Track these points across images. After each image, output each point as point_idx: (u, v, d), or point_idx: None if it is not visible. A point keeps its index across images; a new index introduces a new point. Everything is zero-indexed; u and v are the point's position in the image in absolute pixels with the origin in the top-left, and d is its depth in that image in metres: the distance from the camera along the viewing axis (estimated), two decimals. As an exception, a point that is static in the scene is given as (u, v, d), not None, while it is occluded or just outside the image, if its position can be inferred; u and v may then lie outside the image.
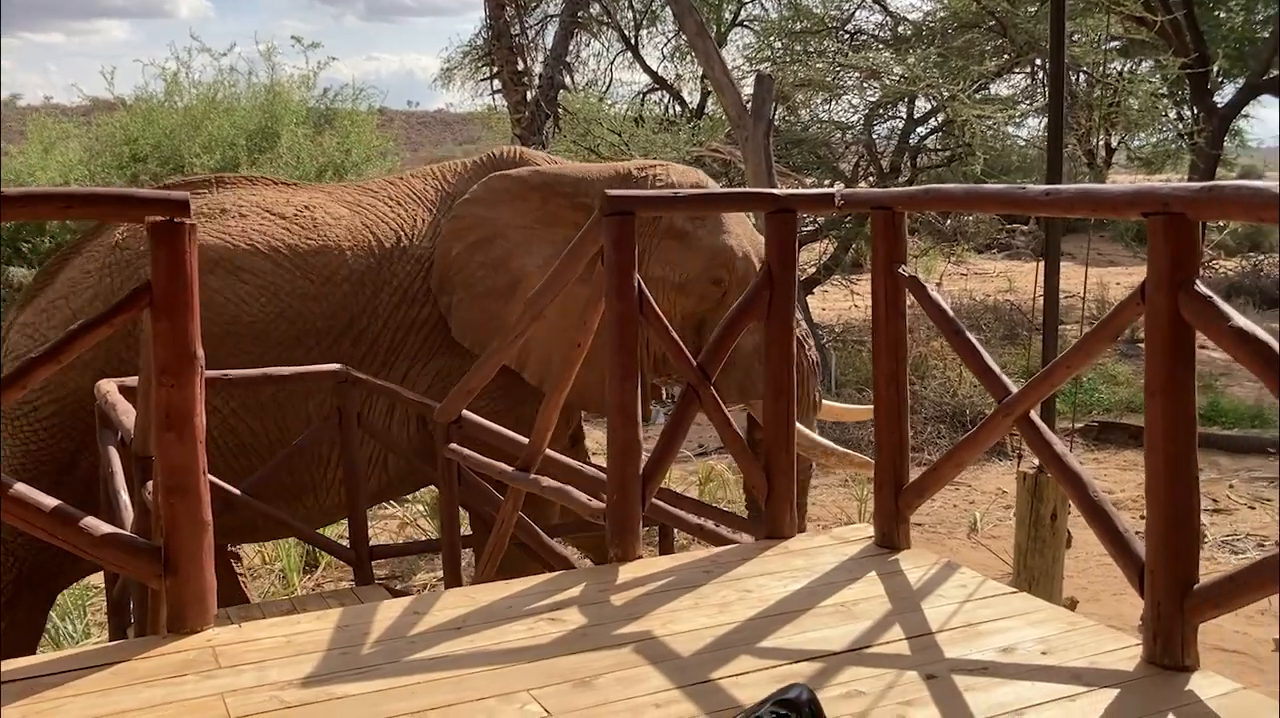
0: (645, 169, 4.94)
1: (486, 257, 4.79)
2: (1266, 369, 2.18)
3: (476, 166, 5.15)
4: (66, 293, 4.69)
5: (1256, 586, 2.30)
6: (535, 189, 4.86)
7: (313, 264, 4.74)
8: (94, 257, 4.75)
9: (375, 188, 5.14)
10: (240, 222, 4.79)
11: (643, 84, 18.71)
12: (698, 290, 4.85)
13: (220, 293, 4.62)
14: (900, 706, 2.28)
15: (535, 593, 2.92)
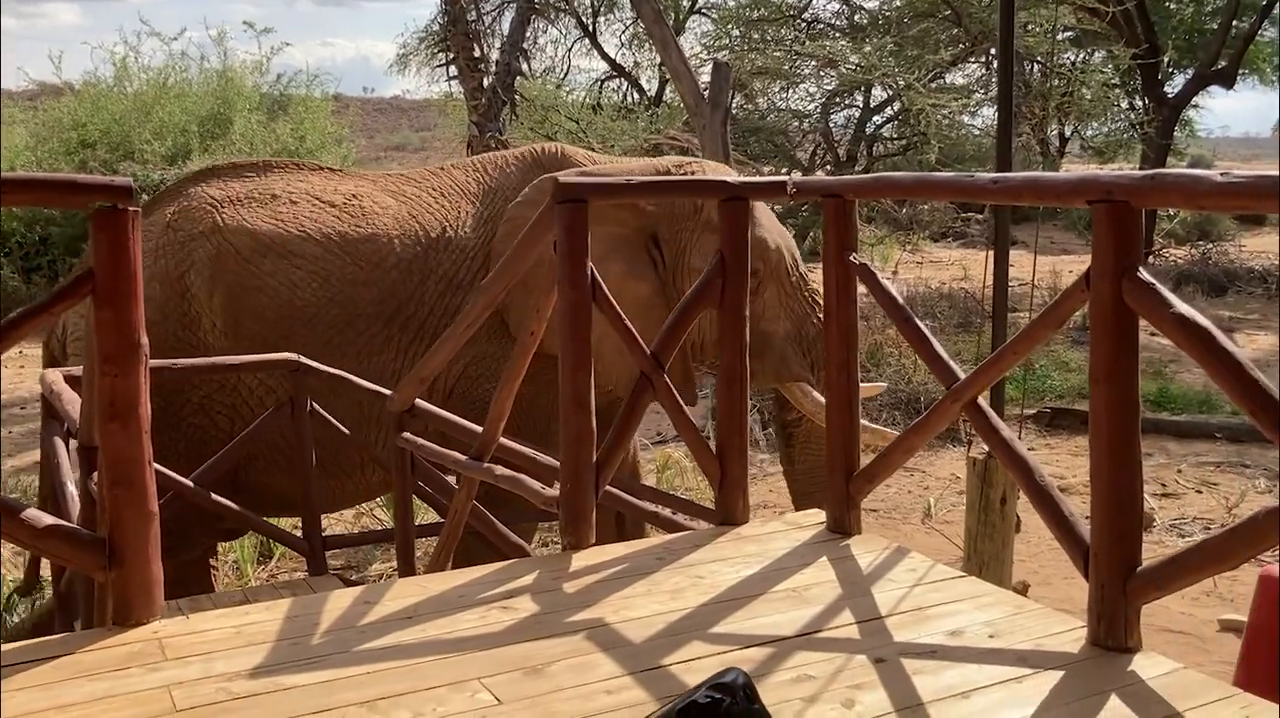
0: (682, 166, 5.07)
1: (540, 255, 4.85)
2: (1206, 354, 2.22)
3: (518, 161, 5.24)
4: None
5: (1196, 567, 2.35)
6: None
7: (362, 251, 4.82)
8: (146, 237, 4.75)
9: (418, 178, 5.24)
10: (292, 208, 4.88)
11: (600, 71, 18.69)
12: None
13: (274, 277, 4.71)
14: (849, 689, 2.30)
15: (487, 582, 2.91)
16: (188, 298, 4.66)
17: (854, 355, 3.27)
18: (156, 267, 4.69)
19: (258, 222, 4.74)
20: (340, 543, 4.88)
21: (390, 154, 31.12)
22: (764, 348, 4.82)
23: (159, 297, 4.65)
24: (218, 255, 4.71)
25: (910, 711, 2.22)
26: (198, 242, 4.72)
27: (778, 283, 4.98)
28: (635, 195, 4.06)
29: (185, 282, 4.69)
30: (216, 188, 4.93)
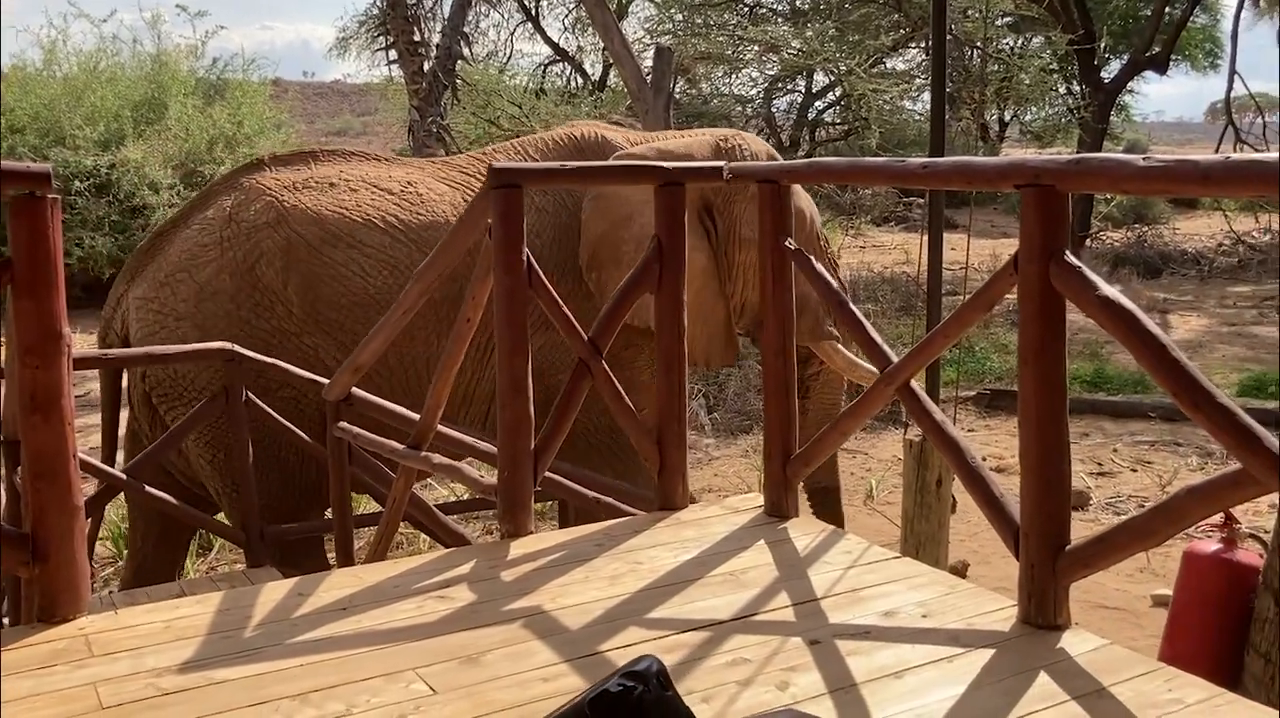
0: (731, 139, 5.23)
1: (629, 232, 4.96)
2: (1130, 336, 2.25)
3: (558, 145, 5.27)
4: (187, 266, 4.76)
5: (1122, 545, 2.39)
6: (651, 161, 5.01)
7: (425, 238, 4.88)
8: (208, 229, 4.82)
9: (464, 164, 5.32)
10: (353, 196, 4.93)
11: (544, 56, 18.58)
12: None
13: (345, 265, 4.79)
14: (784, 672, 2.32)
15: (424, 571, 2.89)
16: (260, 288, 4.70)
17: (790, 340, 3.29)
18: (224, 258, 4.74)
19: (322, 210, 4.81)
20: (278, 534, 4.81)
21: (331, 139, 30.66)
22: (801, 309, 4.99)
23: (230, 288, 4.72)
24: (288, 246, 4.76)
25: (843, 692, 2.24)
26: (264, 232, 4.76)
27: (811, 247, 5.06)
28: (570, 181, 4.04)
29: (256, 272, 4.72)
30: (271, 179, 4.97)
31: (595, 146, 5.21)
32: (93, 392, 10.58)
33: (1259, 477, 2.04)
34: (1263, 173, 1.99)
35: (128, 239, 14.22)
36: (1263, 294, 16.04)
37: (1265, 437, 2.04)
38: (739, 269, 5.16)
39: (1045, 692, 2.22)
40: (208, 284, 4.70)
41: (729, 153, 5.12)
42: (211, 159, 15.40)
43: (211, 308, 4.66)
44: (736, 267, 5.17)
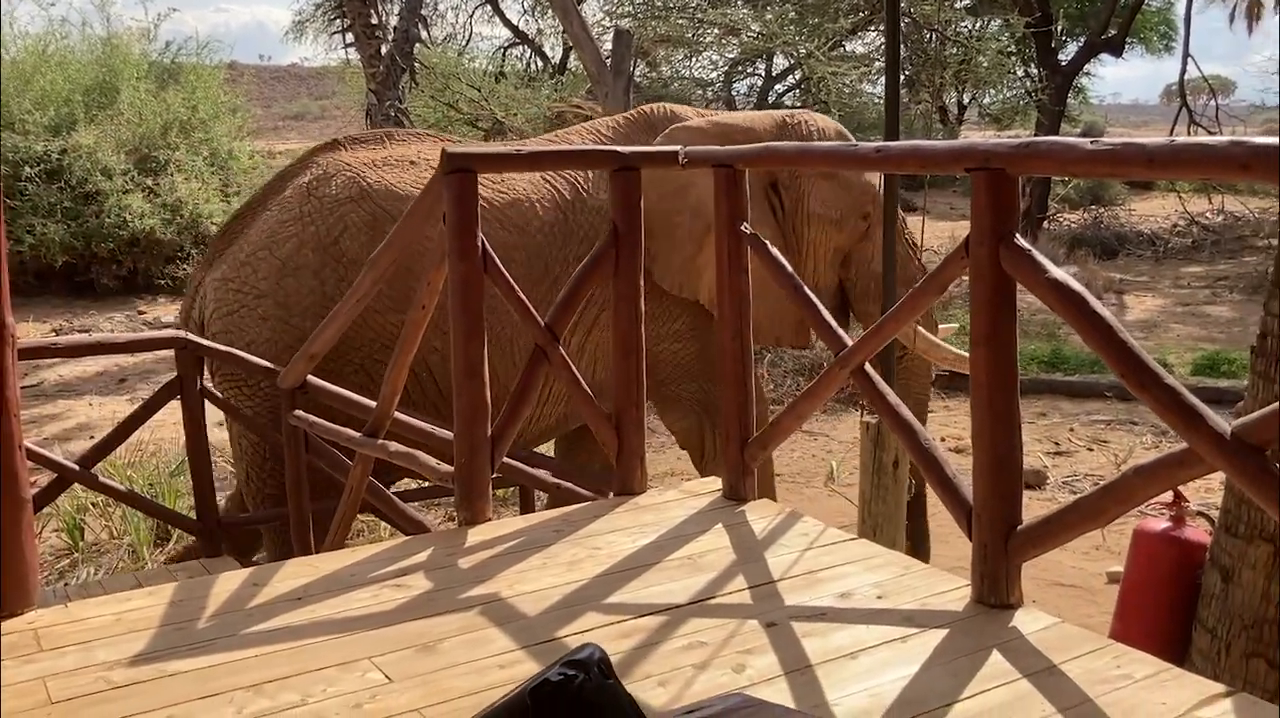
0: (795, 117, 5.20)
1: (682, 204, 4.97)
2: (1079, 318, 2.28)
3: (630, 122, 5.28)
4: (267, 244, 4.74)
5: (1072, 525, 2.42)
6: (713, 138, 5.01)
7: (508, 216, 4.87)
8: (287, 207, 4.80)
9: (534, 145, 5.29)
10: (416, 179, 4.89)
11: (503, 39, 18.44)
12: (849, 226, 5.16)
13: (431, 241, 4.82)
14: (740, 654, 2.33)
15: (380, 560, 2.87)
16: (344, 261, 4.64)
17: (747, 323, 3.29)
18: (306, 233, 4.72)
19: (406, 187, 4.77)
20: (236, 525, 4.77)
21: (289, 123, 30.32)
22: (876, 291, 5.03)
23: (313, 262, 4.68)
24: (374, 220, 4.70)
25: (799, 673, 2.26)
26: (348, 207, 4.72)
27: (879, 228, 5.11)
28: (525, 166, 4.02)
29: (340, 246, 4.68)
30: (349, 156, 4.96)
31: (665, 122, 5.22)
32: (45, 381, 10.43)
33: (1204, 455, 2.07)
34: (1205, 156, 2.01)
35: (80, 226, 14.00)
36: (1215, 274, 16.29)
37: (1209, 416, 2.07)
38: (809, 246, 5.13)
39: (997, 670, 2.24)
40: (289, 259, 4.65)
41: (794, 129, 5.12)
42: (166, 144, 15.17)
43: (293, 283, 4.62)
44: (806, 244, 5.14)
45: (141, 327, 13.17)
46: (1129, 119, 46.87)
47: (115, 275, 14.58)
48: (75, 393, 10.32)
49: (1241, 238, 18.70)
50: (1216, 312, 13.87)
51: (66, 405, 9.83)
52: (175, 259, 15.04)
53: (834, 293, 5.26)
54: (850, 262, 5.23)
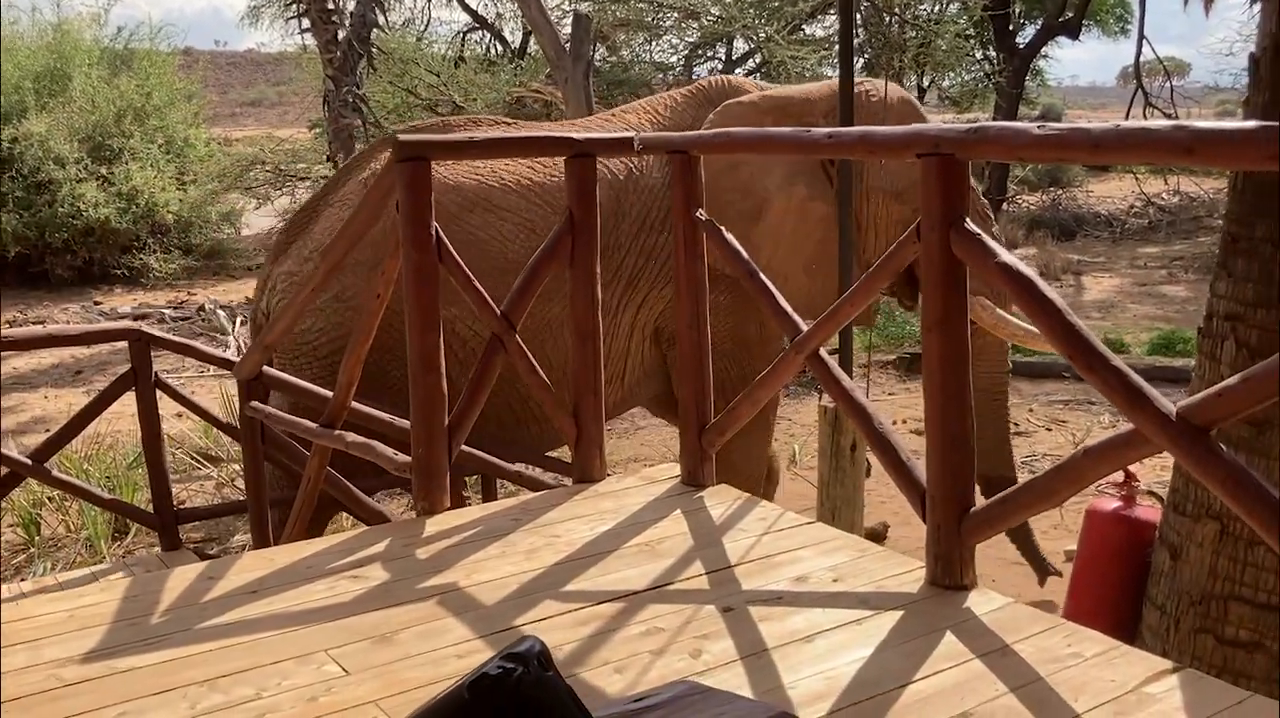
0: (859, 86, 5.05)
1: (734, 181, 4.90)
2: (1028, 300, 2.30)
3: (688, 98, 5.24)
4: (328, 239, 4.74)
5: (1025, 506, 2.45)
6: (768, 113, 4.96)
7: (560, 200, 4.75)
8: (346, 203, 4.84)
9: (595, 125, 5.26)
10: (487, 162, 4.89)
11: (462, 23, 18.28)
12: (912, 198, 5.04)
13: (483, 230, 4.76)
14: (697, 639, 2.34)
15: (337, 551, 2.86)
16: None
17: (704, 309, 3.30)
18: None
19: (460, 178, 4.80)
20: (194, 516, 4.74)
21: (246, 110, 29.94)
22: None
23: (370, 258, 4.60)
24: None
25: (755, 657, 2.27)
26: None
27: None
28: (481, 154, 4.00)
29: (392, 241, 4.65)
30: None
31: (722, 96, 5.17)
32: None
33: (1150, 436, 2.10)
34: (1148, 141, 2.04)
35: (33, 216, 13.77)
36: (1171, 255, 16.50)
37: (1155, 397, 2.10)
38: (869, 220, 5.06)
39: (951, 651, 2.27)
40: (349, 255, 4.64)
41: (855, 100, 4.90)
42: (120, 132, 14.95)
43: (352, 278, 4.61)
44: (867, 218, 5.05)
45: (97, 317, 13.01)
46: (1086, 101, 47.30)
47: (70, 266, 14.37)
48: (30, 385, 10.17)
49: (1196, 218, 18.96)
50: (1172, 291, 14.05)
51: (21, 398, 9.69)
52: (131, 249, 14.85)
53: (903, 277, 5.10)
54: None
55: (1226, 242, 2.64)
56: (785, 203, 4.59)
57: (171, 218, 15.42)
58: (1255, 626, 2.56)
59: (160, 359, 9.51)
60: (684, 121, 5.12)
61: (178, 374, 9.98)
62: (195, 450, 7.75)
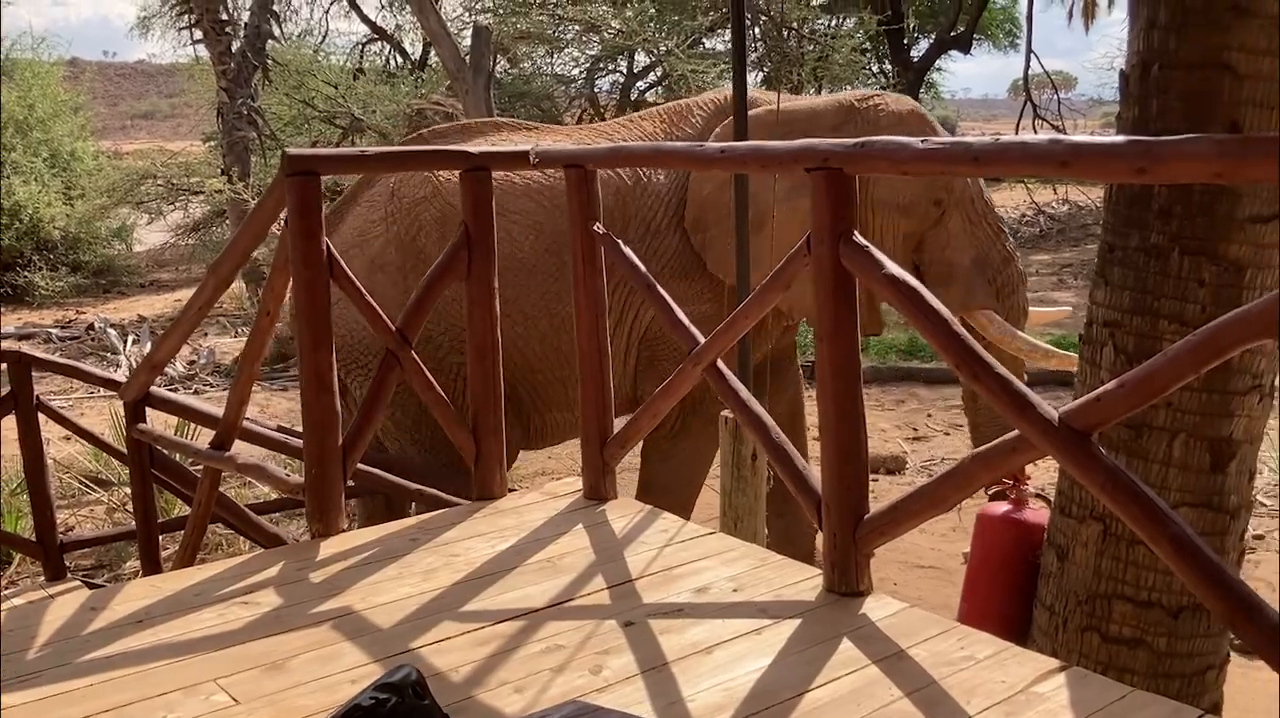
0: (865, 100, 5.09)
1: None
2: (915, 311, 2.35)
3: (702, 108, 5.27)
4: (358, 242, 4.97)
5: (917, 512, 2.49)
6: (773, 127, 4.91)
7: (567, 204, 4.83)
8: (374, 206, 5.01)
9: (609, 131, 5.36)
10: None
11: (361, 34, 18.05)
12: (919, 212, 5.06)
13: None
14: (597, 655, 2.33)
15: (227, 577, 2.78)
16: (423, 258, 4.75)
17: (603, 322, 3.30)
18: (390, 233, 4.94)
19: None
20: (79, 545, 4.57)
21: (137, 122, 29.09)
22: (949, 277, 4.98)
23: (396, 260, 4.90)
24: (443, 217, 4.83)
25: (655, 671, 2.27)
26: (422, 205, 4.90)
27: (962, 211, 5.02)
28: (370, 168, 3.94)
29: (418, 243, 4.86)
30: None
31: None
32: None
33: (1034, 441, 2.16)
34: (1026, 154, 2.10)
35: (-94, 233, 13.18)
36: (1061, 262, 17.05)
37: (1038, 403, 2.16)
38: (875, 233, 5.03)
39: (847, 658, 2.30)
40: (377, 258, 4.87)
41: (863, 114, 5.04)
42: (1, 145, 14.41)
43: (381, 279, 4.79)
44: (873, 230, 5.03)
45: (-21, 339, 12.48)
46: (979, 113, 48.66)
47: (-50, 284, 13.79)
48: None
49: (1084, 226, 19.59)
50: (1063, 297, 14.49)
51: (-105, 424, 9.24)
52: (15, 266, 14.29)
53: None
54: (924, 247, 5.13)
55: (1104, 251, 2.73)
56: (788, 215, 4.66)
57: (58, 234, 14.90)
58: (1138, 623, 2.64)
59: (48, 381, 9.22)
60: (696, 131, 5.15)
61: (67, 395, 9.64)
62: (85, 474, 7.48)
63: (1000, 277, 5.10)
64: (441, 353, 4.84)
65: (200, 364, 11.05)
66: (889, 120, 4.98)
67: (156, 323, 12.61)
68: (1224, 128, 2.48)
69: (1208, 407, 2.59)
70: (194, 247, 16.12)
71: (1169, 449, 2.60)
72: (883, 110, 5.08)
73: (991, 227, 5.19)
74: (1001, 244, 5.18)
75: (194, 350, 11.46)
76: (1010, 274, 5.13)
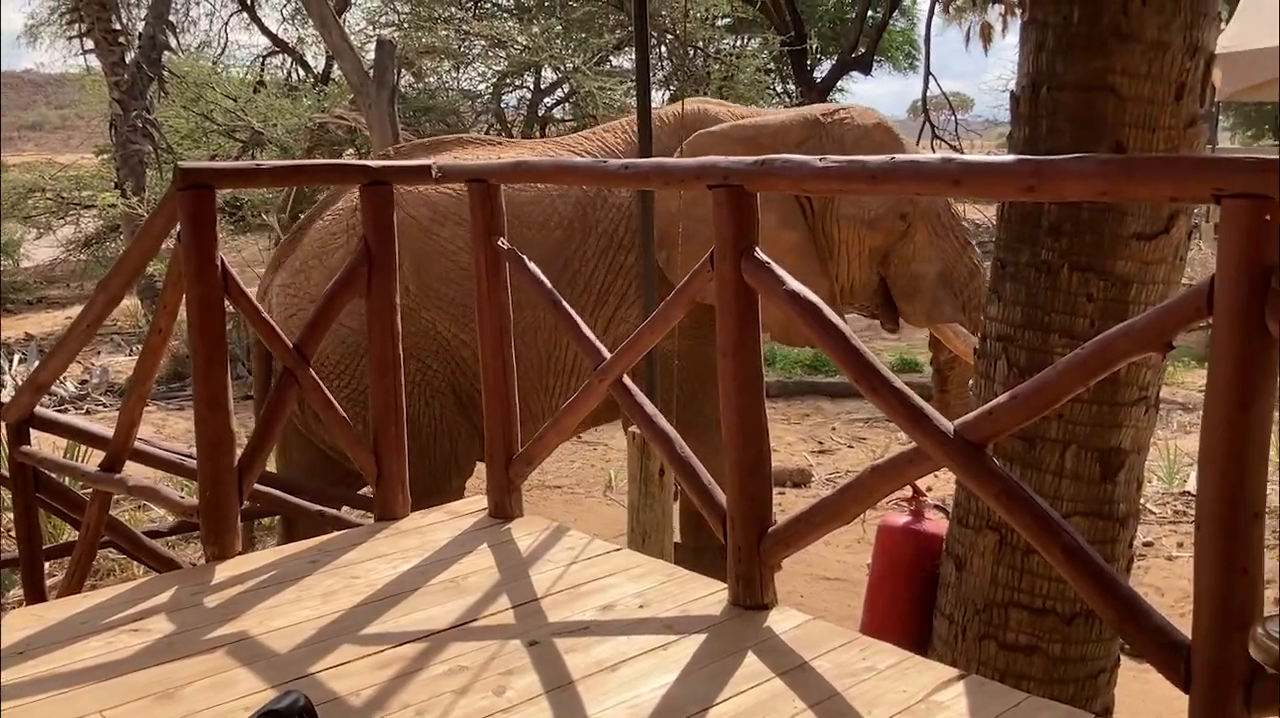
0: (831, 114, 5.07)
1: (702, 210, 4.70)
2: (815, 326, 2.38)
3: (665, 125, 5.19)
4: (319, 253, 5.02)
5: (819, 524, 2.52)
6: (738, 143, 4.87)
7: (528, 213, 4.98)
8: (338, 219, 5.06)
9: (572, 143, 5.37)
10: None
11: (262, 47, 17.72)
12: (885, 225, 5.02)
13: (452, 242, 4.99)
14: (501, 676, 2.30)
15: (116, 604, 2.68)
16: None
17: (508, 339, 3.27)
18: (349, 245, 4.87)
19: (431, 193, 4.97)
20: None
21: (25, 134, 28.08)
22: (915, 291, 4.98)
23: None
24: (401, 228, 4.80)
25: (560, 690, 2.25)
26: None
27: (929, 224, 4.99)
28: (265, 182, 3.86)
29: None
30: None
31: (698, 122, 5.12)
32: None
33: (930, 453, 2.20)
34: (920, 172, 2.14)
35: None
36: (960, 278, 17.45)
37: (934, 416, 2.20)
38: (841, 247, 5.04)
39: (752, 671, 2.31)
40: (334, 269, 4.81)
41: (828, 129, 5.01)
42: (-127, 157, 13.76)
43: None
44: (839, 244, 5.03)
45: None
46: (881, 133, 49.62)
47: None
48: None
49: (982, 243, 20.13)
50: (961, 313, 14.85)
51: None
52: (-110, 286, 13.65)
53: (875, 292, 5.20)
54: (890, 260, 5.13)
55: (996, 268, 2.80)
56: None
57: (-62, 252, 14.29)
58: (1033, 630, 2.71)
59: (-75, 402, 8.81)
60: (659, 145, 5.07)
61: (-54, 418, 9.21)
62: (-35, 500, 7.17)
63: (966, 289, 5.15)
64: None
65: (93, 384, 10.69)
66: (854, 134, 5.02)
67: (45, 341, 12.16)
68: (1109, 148, 2.57)
69: (1097, 418, 2.66)
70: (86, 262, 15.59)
71: (1061, 460, 2.67)
72: (848, 124, 5.11)
73: (958, 239, 5.25)
74: (968, 257, 5.25)
75: (86, 369, 11.09)
76: (976, 287, 5.17)
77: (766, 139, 5.01)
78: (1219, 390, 1.78)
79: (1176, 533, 6.38)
